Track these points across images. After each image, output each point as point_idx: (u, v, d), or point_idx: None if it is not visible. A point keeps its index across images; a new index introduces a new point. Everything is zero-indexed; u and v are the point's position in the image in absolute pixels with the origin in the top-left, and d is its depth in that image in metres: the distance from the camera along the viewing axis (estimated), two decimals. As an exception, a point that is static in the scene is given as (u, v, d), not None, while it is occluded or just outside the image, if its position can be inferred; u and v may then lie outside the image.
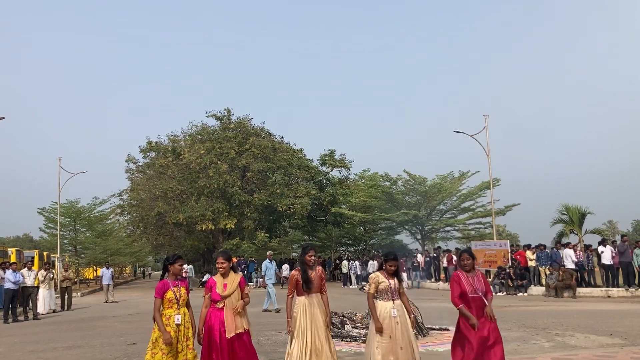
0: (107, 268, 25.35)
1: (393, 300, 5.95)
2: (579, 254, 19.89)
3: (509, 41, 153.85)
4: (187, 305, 5.67)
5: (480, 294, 5.67)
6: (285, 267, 30.62)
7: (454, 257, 24.81)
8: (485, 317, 5.61)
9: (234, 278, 5.76)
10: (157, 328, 5.36)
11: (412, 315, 6.13)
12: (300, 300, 6.07)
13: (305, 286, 6.07)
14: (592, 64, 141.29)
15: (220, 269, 5.75)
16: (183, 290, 5.57)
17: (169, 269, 5.59)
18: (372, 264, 26.93)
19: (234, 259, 31.72)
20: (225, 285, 5.66)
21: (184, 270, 33.15)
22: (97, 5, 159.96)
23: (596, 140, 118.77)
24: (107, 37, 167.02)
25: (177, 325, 5.41)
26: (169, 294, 5.43)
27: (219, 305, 5.62)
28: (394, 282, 6.02)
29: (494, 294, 20.44)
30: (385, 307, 5.93)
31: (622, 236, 18.91)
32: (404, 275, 25.51)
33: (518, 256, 21.36)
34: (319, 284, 6.16)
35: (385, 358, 5.71)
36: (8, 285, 16.05)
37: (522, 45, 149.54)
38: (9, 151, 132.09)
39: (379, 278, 6.02)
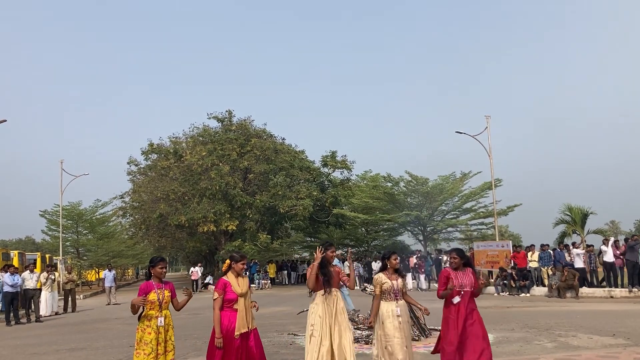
0: (110, 270, 25.41)
1: (396, 300, 6.04)
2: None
3: (511, 40, 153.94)
4: (175, 306, 5.73)
5: (468, 289, 5.96)
6: (376, 264, 31.07)
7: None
8: (469, 307, 5.93)
9: (245, 278, 5.86)
10: (139, 329, 5.46)
11: (420, 310, 6.24)
12: (319, 297, 6.06)
13: (325, 282, 6.07)
14: (593, 63, 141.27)
15: (243, 269, 5.81)
16: (167, 293, 5.61)
17: (151, 271, 5.66)
18: (377, 265, 26.99)
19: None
20: (238, 285, 5.71)
21: (193, 272, 33.08)
22: (97, 7, 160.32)
23: (598, 139, 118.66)
24: (108, 39, 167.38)
25: (160, 327, 5.45)
26: (152, 296, 5.48)
27: (235, 306, 5.60)
28: (396, 282, 6.11)
29: (497, 294, 20.48)
30: (389, 308, 6.00)
31: (633, 235, 18.71)
32: (422, 277, 25.51)
33: (514, 258, 21.34)
34: (337, 279, 6.18)
35: (394, 357, 5.78)
36: (6, 288, 16.07)
37: (524, 43, 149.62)
38: (11, 153, 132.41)
39: (382, 279, 6.12)
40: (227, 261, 5.86)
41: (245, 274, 6.06)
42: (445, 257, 25.89)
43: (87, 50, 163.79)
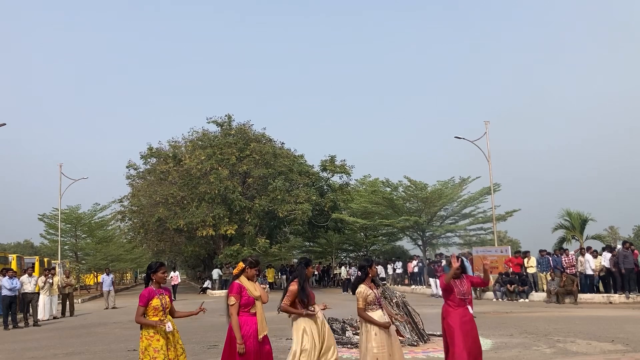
0: (108, 274, 25.36)
1: (381, 309, 5.99)
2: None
3: (509, 45, 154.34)
4: (172, 313, 5.67)
5: (466, 297, 6.07)
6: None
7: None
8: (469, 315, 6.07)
9: (256, 282, 5.82)
10: (144, 337, 5.33)
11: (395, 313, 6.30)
12: (303, 320, 5.87)
13: (304, 301, 5.88)
14: (592, 66, 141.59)
15: (254, 275, 5.74)
16: (167, 298, 5.55)
17: (152, 277, 5.54)
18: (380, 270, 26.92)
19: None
20: (253, 288, 5.66)
21: (172, 277, 32.08)
22: (96, 10, 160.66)
23: (597, 145, 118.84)
24: (108, 43, 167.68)
25: (169, 332, 5.39)
26: (155, 302, 5.39)
27: (252, 310, 5.54)
28: (378, 292, 6.10)
29: (495, 299, 20.44)
30: (379, 317, 5.94)
31: (624, 242, 18.59)
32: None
33: (510, 263, 21.31)
34: (313, 295, 6.04)
35: None
36: (4, 292, 16.05)
37: (522, 49, 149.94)
38: (10, 157, 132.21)
39: (366, 291, 5.94)
40: (240, 264, 5.73)
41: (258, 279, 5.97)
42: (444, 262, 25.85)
43: (86, 53, 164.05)
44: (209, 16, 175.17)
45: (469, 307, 6.11)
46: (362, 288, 5.94)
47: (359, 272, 6.19)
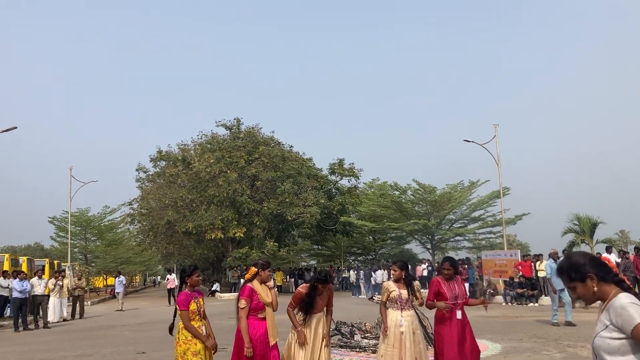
0: (118, 277, 25.56)
1: (402, 310, 5.99)
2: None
3: (517, 50, 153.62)
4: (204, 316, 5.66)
5: (458, 301, 5.93)
6: (380, 273, 27.43)
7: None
8: (463, 321, 5.91)
9: (268, 287, 5.74)
10: (182, 340, 5.28)
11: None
12: (295, 336, 5.80)
13: (306, 309, 5.78)
14: (602, 69, 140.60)
15: (269, 277, 5.67)
16: (201, 301, 5.52)
17: (187, 281, 5.48)
18: (382, 274, 26.65)
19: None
20: (265, 293, 5.59)
21: (169, 280, 31.25)
22: (106, 15, 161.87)
23: (607, 147, 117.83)
24: (117, 46, 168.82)
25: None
26: (192, 306, 5.35)
27: (261, 315, 5.47)
28: (404, 292, 6.06)
29: (504, 303, 20.30)
30: (393, 317, 5.98)
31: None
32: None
33: (520, 266, 21.18)
34: (322, 305, 5.91)
35: None
36: (15, 294, 16.17)
37: (532, 53, 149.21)
38: (20, 160, 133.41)
39: (391, 287, 6.10)
40: (253, 269, 5.64)
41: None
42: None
43: (96, 57, 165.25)
44: (219, 19, 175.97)
45: (458, 312, 5.90)
46: (388, 284, 6.21)
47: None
